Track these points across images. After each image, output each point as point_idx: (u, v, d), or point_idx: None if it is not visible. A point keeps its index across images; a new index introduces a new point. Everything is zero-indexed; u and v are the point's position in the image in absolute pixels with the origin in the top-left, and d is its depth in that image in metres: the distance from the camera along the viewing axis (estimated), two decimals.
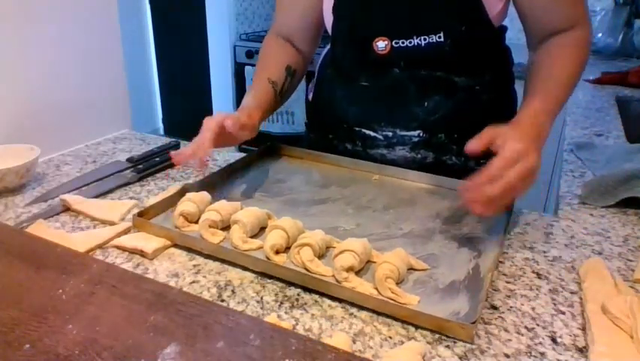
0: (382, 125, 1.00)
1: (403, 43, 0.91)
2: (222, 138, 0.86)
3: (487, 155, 0.99)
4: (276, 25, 1.09)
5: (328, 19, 0.99)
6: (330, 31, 1.01)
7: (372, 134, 1.02)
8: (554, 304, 0.65)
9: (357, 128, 1.03)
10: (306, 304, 0.65)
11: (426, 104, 0.96)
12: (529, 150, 0.70)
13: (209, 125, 0.84)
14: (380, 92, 0.98)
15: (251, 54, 3.13)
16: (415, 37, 0.90)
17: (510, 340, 0.59)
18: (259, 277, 0.70)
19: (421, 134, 0.99)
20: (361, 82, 0.99)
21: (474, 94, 0.96)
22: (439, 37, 0.89)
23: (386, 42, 0.92)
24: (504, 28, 0.97)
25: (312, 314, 0.63)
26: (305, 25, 1.04)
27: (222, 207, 0.79)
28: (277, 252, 0.72)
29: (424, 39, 0.90)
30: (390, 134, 1.00)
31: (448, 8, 0.89)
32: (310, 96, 1.17)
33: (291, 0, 1.05)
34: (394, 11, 0.91)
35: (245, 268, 0.71)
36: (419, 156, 1.00)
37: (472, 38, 0.91)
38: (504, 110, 0.92)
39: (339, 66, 1.03)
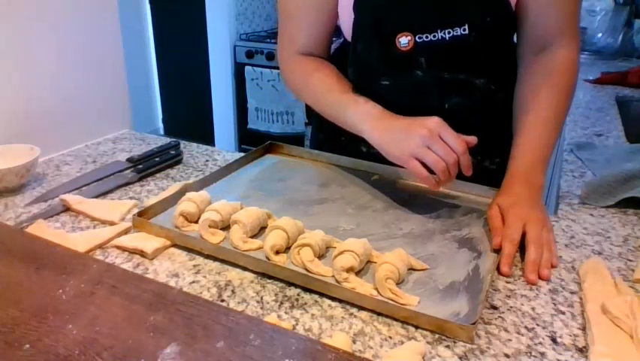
0: None
1: (427, 37, 0.90)
2: None
3: (501, 153, 0.99)
4: (295, 44, 1.02)
5: (345, 18, 0.96)
6: (344, 29, 0.98)
7: None
8: (554, 304, 0.65)
9: None
10: (306, 304, 0.65)
11: (446, 105, 0.96)
12: (529, 211, 0.78)
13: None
14: (401, 92, 0.97)
15: (251, 54, 3.12)
16: (439, 31, 0.89)
17: (510, 340, 0.59)
18: (259, 277, 0.70)
19: None
20: (382, 81, 0.97)
21: (490, 93, 0.96)
22: (464, 30, 0.88)
23: (409, 37, 0.90)
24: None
25: (312, 314, 0.63)
26: (322, 35, 1.02)
27: (222, 207, 0.79)
28: (277, 252, 0.72)
29: (449, 32, 0.89)
30: None
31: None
32: None
33: (304, 16, 1.00)
34: (419, 5, 0.90)
35: (245, 268, 0.71)
36: None
37: (496, 29, 0.91)
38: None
39: (360, 64, 0.99)
